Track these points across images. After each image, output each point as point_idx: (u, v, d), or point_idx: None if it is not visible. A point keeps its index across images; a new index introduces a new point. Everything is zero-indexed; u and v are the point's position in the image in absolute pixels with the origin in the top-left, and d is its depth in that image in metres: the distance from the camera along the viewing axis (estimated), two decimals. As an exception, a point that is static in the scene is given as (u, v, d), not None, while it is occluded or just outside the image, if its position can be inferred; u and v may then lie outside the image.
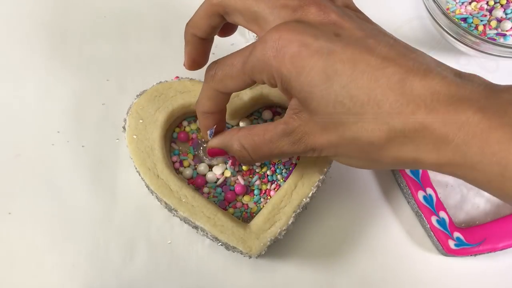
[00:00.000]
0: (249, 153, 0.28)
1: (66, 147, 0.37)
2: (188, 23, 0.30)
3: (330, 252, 0.36)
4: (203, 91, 0.29)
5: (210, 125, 0.30)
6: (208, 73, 0.28)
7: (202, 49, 0.30)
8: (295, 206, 0.32)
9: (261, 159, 0.28)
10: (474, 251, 0.35)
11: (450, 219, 0.36)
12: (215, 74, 0.28)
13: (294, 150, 0.26)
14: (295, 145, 0.26)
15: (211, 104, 0.29)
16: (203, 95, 0.29)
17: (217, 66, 0.28)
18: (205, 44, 0.30)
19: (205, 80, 0.29)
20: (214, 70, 0.28)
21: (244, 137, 0.28)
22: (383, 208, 0.38)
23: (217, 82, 0.28)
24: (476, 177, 0.21)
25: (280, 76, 0.24)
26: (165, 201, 0.32)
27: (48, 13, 0.42)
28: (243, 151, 0.28)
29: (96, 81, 0.40)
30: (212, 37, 0.30)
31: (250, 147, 0.27)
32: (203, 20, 0.28)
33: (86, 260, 0.35)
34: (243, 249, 0.31)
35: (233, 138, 0.28)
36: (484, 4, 0.44)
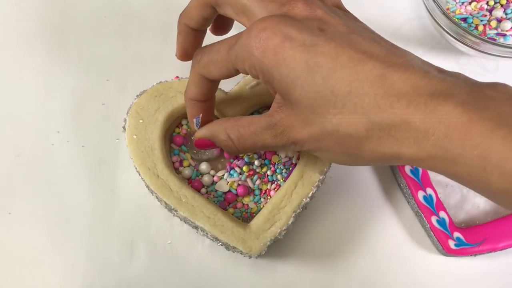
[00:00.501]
0: (234, 143, 0.28)
1: (66, 147, 0.37)
2: (182, 13, 0.30)
3: (330, 252, 0.36)
4: (190, 77, 0.29)
5: (195, 113, 0.30)
6: (194, 58, 0.29)
7: (194, 40, 0.31)
8: (295, 206, 0.32)
9: (245, 150, 0.29)
10: (474, 251, 0.35)
11: (450, 219, 0.36)
12: (201, 59, 0.28)
13: (276, 143, 0.26)
14: (277, 138, 0.26)
15: (197, 90, 0.29)
16: (190, 81, 0.30)
17: (203, 51, 0.28)
18: (197, 35, 0.31)
19: (192, 65, 0.29)
20: (200, 55, 0.28)
21: (230, 128, 0.28)
22: (383, 208, 0.38)
23: (202, 67, 0.28)
24: (456, 171, 0.21)
25: (261, 67, 0.24)
26: (165, 201, 0.32)
27: (48, 13, 0.42)
28: (228, 141, 0.28)
29: (96, 81, 0.40)
30: (204, 29, 0.30)
31: (236, 137, 0.28)
32: (195, 10, 0.29)
33: (86, 260, 0.35)
34: (243, 249, 0.31)
35: (220, 128, 0.29)
36: (484, 4, 0.44)
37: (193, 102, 0.30)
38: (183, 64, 0.41)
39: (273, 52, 0.23)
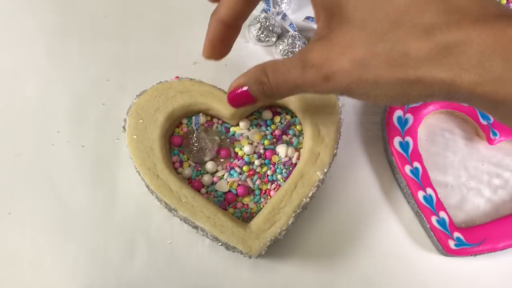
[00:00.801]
0: (269, 78, 0.25)
1: (66, 147, 0.37)
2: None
3: (330, 252, 0.36)
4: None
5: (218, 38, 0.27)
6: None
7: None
8: (295, 206, 0.32)
9: (278, 89, 0.25)
10: (474, 251, 0.35)
11: (450, 219, 0.36)
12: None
13: (305, 78, 0.23)
14: (306, 71, 0.23)
15: (229, 9, 0.26)
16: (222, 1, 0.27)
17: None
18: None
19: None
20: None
21: (267, 64, 0.26)
22: (383, 208, 0.38)
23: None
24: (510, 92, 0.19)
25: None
26: (165, 201, 0.32)
27: (48, 13, 0.42)
28: (264, 76, 0.25)
29: (96, 81, 0.40)
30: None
31: (271, 72, 0.25)
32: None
33: (86, 260, 0.35)
34: (243, 249, 0.31)
35: (258, 69, 0.26)
36: (484, 4, 0.44)
37: (219, 26, 0.27)
38: (183, 64, 0.41)
39: None
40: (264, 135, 0.35)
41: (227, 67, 0.41)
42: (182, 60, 0.41)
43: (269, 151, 0.35)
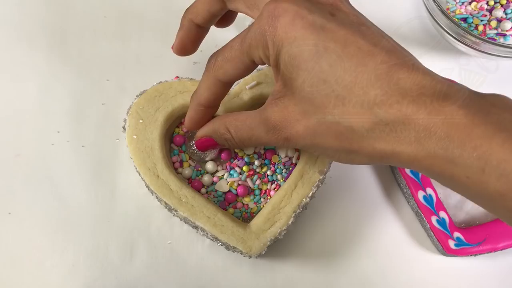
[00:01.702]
0: (232, 136, 0.28)
1: (66, 147, 0.37)
2: (188, 8, 0.30)
3: (330, 252, 0.36)
4: (202, 81, 0.29)
5: (199, 119, 0.30)
6: (208, 62, 0.28)
7: (195, 36, 0.30)
8: (295, 206, 0.32)
9: (243, 144, 0.28)
10: (474, 251, 0.35)
11: (450, 219, 0.36)
12: (215, 62, 0.27)
13: (268, 138, 0.26)
14: (269, 133, 0.26)
15: (209, 94, 0.29)
16: (202, 85, 0.29)
17: (217, 54, 0.28)
18: (200, 32, 0.30)
19: (205, 69, 0.29)
20: (214, 58, 0.28)
21: (229, 122, 0.28)
22: (383, 208, 0.38)
23: (217, 69, 0.27)
24: (454, 172, 0.21)
25: (274, 48, 0.24)
26: (165, 201, 0.32)
27: (48, 13, 0.42)
28: (227, 134, 0.28)
29: (96, 81, 0.40)
30: (209, 26, 0.30)
31: (234, 131, 0.28)
32: (203, 5, 0.28)
33: (86, 260, 0.35)
34: (243, 249, 0.31)
35: (220, 123, 0.29)
36: (484, 4, 0.44)
37: (200, 108, 0.30)
38: (183, 64, 0.41)
39: (283, 29, 0.23)
40: None
41: (227, 67, 0.41)
42: (182, 60, 0.41)
43: (269, 151, 0.35)
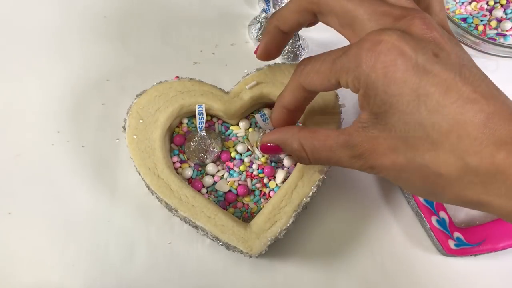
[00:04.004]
0: (308, 155, 0.27)
1: (66, 147, 0.37)
2: (275, 14, 0.29)
3: (330, 252, 0.36)
4: (289, 84, 0.29)
5: (281, 120, 0.30)
6: (298, 67, 0.28)
7: (280, 42, 0.30)
8: (296, 206, 0.32)
9: (318, 163, 0.28)
10: (474, 251, 0.35)
11: (450, 219, 0.36)
12: (304, 68, 0.27)
13: (351, 164, 0.25)
14: (353, 159, 0.25)
15: (291, 98, 0.29)
16: (287, 88, 0.29)
17: (308, 61, 0.27)
18: (285, 37, 0.30)
19: (293, 73, 0.28)
20: (304, 64, 0.27)
21: (305, 138, 0.27)
22: (383, 208, 0.38)
23: (304, 76, 0.27)
24: None
25: (366, 81, 0.23)
26: (165, 201, 0.32)
27: (49, 13, 0.42)
28: (302, 152, 0.27)
29: (96, 81, 0.40)
30: (295, 32, 0.29)
31: (310, 149, 0.27)
32: (292, 15, 0.28)
33: (86, 260, 0.35)
34: (244, 248, 0.31)
35: (294, 137, 0.28)
36: (484, 4, 0.44)
37: (283, 110, 0.29)
38: (183, 64, 0.41)
39: (384, 68, 0.22)
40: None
41: (227, 67, 0.41)
42: (182, 60, 0.41)
43: (268, 168, 0.34)
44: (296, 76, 0.28)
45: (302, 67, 0.27)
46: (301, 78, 0.27)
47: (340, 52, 0.25)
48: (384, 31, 0.23)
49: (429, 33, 0.23)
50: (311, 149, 0.27)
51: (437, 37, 0.23)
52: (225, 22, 0.43)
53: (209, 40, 0.42)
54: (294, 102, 0.29)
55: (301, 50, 0.41)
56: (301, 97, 0.28)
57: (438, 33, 0.23)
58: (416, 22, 0.23)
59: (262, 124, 0.32)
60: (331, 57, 0.25)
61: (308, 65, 0.27)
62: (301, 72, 0.27)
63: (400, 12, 0.24)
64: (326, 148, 0.26)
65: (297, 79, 0.28)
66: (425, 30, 0.23)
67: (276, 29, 0.29)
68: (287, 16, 0.28)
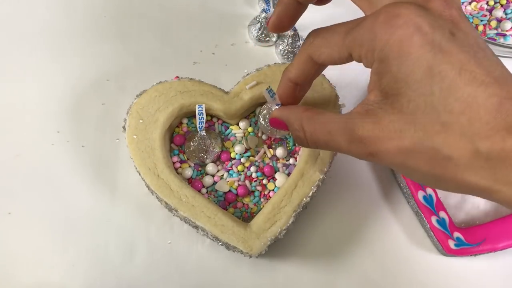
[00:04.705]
0: (306, 137, 0.26)
1: (66, 147, 0.37)
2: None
3: (330, 252, 0.36)
4: (297, 56, 0.27)
5: (286, 94, 0.29)
6: (308, 39, 0.27)
7: (293, 12, 0.28)
8: (296, 206, 0.32)
9: (317, 146, 0.27)
10: (474, 251, 0.35)
11: (450, 219, 0.36)
12: (314, 40, 0.26)
13: (349, 150, 0.24)
14: (352, 144, 0.24)
15: (299, 71, 0.27)
16: (295, 60, 0.27)
17: (318, 32, 0.26)
18: (299, 8, 0.28)
19: (302, 44, 0.27)
20: (314, 36, 0.26)
21: (306, 119, 0.26)
22: (383, 208, 0.38)
23: (313, 47, 0.26)
24: None
25: (380, 55, 0.22)
26: (165, 201, 0.32)
27: (49, 13, 0.42)
28: (301, 132, 0.27)
29: (96, 81, 0.40)
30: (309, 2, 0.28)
31: (309, 131, 0.26)
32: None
33: (86, 260, 0.35)
34: (244, 248, 0.31)
35: (296, 117, 0.27)
36: (484, 4, 0.44)
37: (289, 84, 0.28)
38: (183, 64, 0.41)
39: (399, 43, 0.21)
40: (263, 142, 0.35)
41: (227, 67, 0.41)
42: (182, 60, 0.41)
43: (267, 167, 0.35)
44: (305, 48, 0.26)
45: (311, 39, 0.26)
46: (311, 49, 0.26)
47: (354, 23, 0.24)
48: (402, 3, 0.22)
49: (447, 10, 0.22)
50: (311, 132, 0.26)
51: (455, 16, 0.22)
52: (225, 22, 0.43)
53: (209, 40, 0.42)
54: (301, 75, 0.28)
55: (301, 50, 0.41)
56: (309, 70, 0.27)
57: (456, 12, 0.23)
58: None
59: (270, 100, 0.32)
60: (344, 28, 0.24)
61: (319, 36, 0.26)
62: (311, 44, 0.26)
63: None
64: (326, 131, 0.25)
65: (306, 50, 0.26)
66: (444, 7, 0.22)
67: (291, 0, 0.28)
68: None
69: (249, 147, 0.35)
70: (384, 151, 0.23)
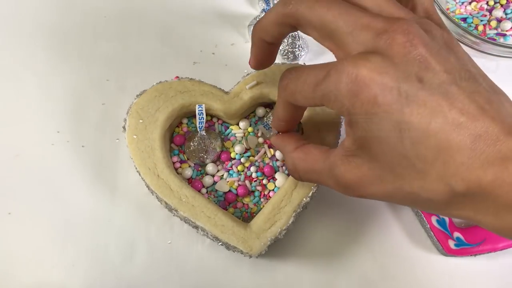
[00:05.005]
0: (300, 174, 0.28)
1: (66, 147, 0.37)
2: (256, 26, 0.28)
3: (330, 252, 0.36)
4: (278, 102, 0.29)
5: (280, 129, 0.31)
6: (281, 82, 0.27)
7: (268, 52, 0.29)
8: (296, 206, 0.32)
9: (310, 182, 0.29)
10: (474, 251, 0.35)
11: (450, 219, 0.36)
12: (287, 86, 0.26)
13: (339, 191, 0.26)
14: (340, 189, 0.26)
15: (284, 113, 0.29)
16: (278, 105, 0.29)
17: (290, 78, 0.26)
18: (272, 47, 0.29)
19: (278, 88, 0.28)
20: (286, 81, 0.26)
21: (298, 159, 0.28)
22: (383, 208, 0.38)
23: (288, 95, 0.26)
24: None
25: (349, 112, 0.23)
26: (165, 201, 0.32)
27: (49, 13, 0.42)
28: (294, 170, 0.29)
29: (96, 81, 0.40)
30: (280, 42, 0.29)
31: (301, 170, 0.28)
32: (273, 27, 0.27)
33: (86, 260, 0.35)
34: (244, 248, 0.31)
35: (288, 156, 0.29)
36: (484, 4, 0.44)
37: (281, 123, 0.30)
38: (183, 64, 0.41)
39: (365, 103, 0.22)
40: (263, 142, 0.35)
41: (227, 67, 0.41)
42: (182, 60, 0.41)
43: (267, 167, 0.34)
44: (281, 95, 0.27)
45: (284, 85, 0.27)
46: (287, 97, 0.27)
47: (321, 74, 0.24)
48: (361, 61, 0.22)
49: (413, 50, 0.21)
50: (303, 170, 0.28)
51: (422, 53, 0.21)
52: (225, 22, 0.43)
53: (209, 40, 0.42)
54: (288, 116, 0.29)
55: (301, 50, 0.41)
56: (293, 111, 0.29)
57: (423, 46, 0.22)
58: (398, 38, 0.22)
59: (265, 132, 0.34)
60: (313, 80, 0.24)
61: (291, 84, 0.26)
62: (285, 91, 0.27)
63: (382, 25, 0.22)
64: (316, 171, 0.27)
65: (283, 96, 0.27)
66: (408, 49, 0.21)
67: (261, 41, 0.28)
68: (268, 27, 0.27)
69: (249, 147, 0.35)
70: (370, 194, 0.24)
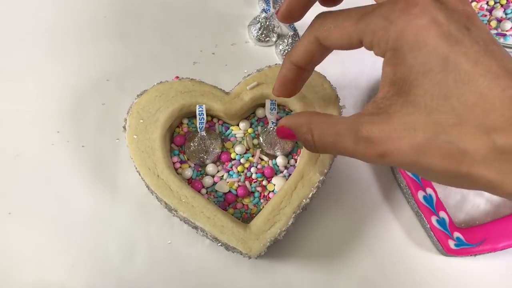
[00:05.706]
0: (314, 139, 0.26)
1: (66, 147, 0.37)
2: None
3: (330, 252, 0.36)
4: (302, 38, 0.27)
5: (287, 78, 0.29)
6: (315, 21, 0.26)
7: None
8: (295, 207, 0.32)
9: (324, 150, 0.26)
10: (474, 251, 0.35)
11: (450, 219, 0.36)
12: (324, 21, 0.25)
13: (357, 150, 0.23)
14: (359, 144, 0.23)
15: (304, 53, 0.27)
16: (301, 42, 0.27)
17: (329, 14, 0.25)
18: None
19: (309, 26, 0.26)
20: (323, 18, 0.25)
21: (315, 122, 0.26)
22: (383, 208, 0.38)
23: (322, 30, 0.25)
24: None
25: (395, 44, 0.22)
26: (165, 201, 0.32)
27: (49, 13, 0.42)
28: (309, 135, 0.26)
29: (96, 81, 0.40)
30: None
31: (317, 133, 0.25)
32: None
33: (86, 260, 0.35)
34: (243, 249, 0.31)
35: (305, 120, 0.26)
36: (484, 4, 0.44)
37: (292, 67, 0.28)
38: (183, 64, 0.41)
39: (415, 32, 0.21)
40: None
41: (227, 67, 0.41)
42: (182, 60, 0.41)
43: (267, 168, 0.34)
44: (313, 29, 0.26)
45: (320, 21, 0.25)
46: (319, 31, 0.25)
47: (369, 8, 0.23)
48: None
49: (462, 6, 0.23)
50: (318, 134, 0.25)
51: (470, 11, 0.23)
52: (225, 22, 0.43)
53: (209, 40, 0.42)
54: (306, 57, 0.27)
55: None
56: (315, 52, 0.27)
57: (470, 8, 0.23)
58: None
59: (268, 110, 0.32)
60: (358, 13, 0.23)
61: (329, 18, 0.25)
62: (319, 26, 0.25)
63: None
64: (334, 132, 0.24)
65: (313, 32, 0.26)
66: (459, 4, 0.23)
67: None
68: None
69: (249, 147, 0.35)
70: (395, 151, 0.22)
